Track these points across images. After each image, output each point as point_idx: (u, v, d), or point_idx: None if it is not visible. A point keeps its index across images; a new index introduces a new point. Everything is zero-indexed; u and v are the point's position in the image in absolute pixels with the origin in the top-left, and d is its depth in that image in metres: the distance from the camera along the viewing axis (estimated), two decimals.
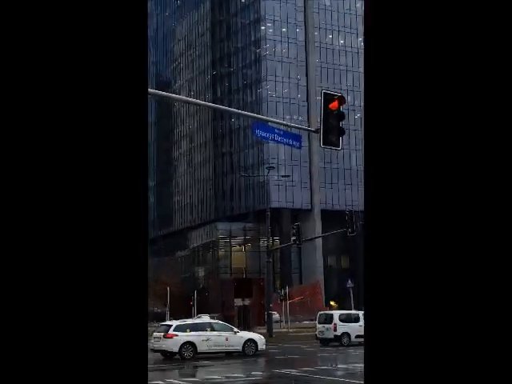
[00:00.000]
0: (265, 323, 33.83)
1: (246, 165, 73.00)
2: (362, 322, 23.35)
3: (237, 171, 73.51)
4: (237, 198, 74.58)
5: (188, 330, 20.40)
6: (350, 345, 24.22)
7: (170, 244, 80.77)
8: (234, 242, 71.96)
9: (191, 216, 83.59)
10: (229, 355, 20.71)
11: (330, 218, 66.67)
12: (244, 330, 32.49)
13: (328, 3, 74.14)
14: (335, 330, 25.10)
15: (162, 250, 75.49)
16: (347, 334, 24.97)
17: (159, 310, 45.69)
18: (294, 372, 15.41)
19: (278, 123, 14.43)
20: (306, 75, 72.39)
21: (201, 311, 42.93)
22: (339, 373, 16.06)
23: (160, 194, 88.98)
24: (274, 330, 32.21)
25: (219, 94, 78.54)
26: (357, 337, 24.10)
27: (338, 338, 25.12)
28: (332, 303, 68.49)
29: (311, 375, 14.90)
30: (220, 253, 72.26)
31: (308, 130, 18.20)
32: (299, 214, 68.39)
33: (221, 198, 77.33)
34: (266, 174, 45.97)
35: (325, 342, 25.47)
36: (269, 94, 70.72)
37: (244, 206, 73.31)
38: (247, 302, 36.69)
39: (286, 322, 39.11)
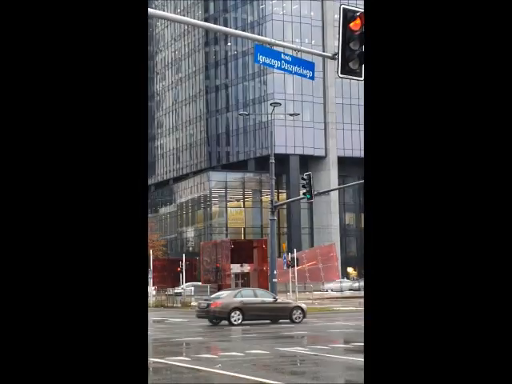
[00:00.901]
0: None
1: (246, 101, 72.77)
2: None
3: (234, 109, 73.34)
4: (234, 141, 74.68)
5: None
6: None
7: (151, 198, 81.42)
8: (230, 196, 72.49)
9: (178, 164, 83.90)
10: None
11: (349, 166, 67.08)
12: None
13: None
14: None
15: None
16: None
17: None
18: None
19: (285, 47, 14.40)
20: None
21: (190, 279, 43.70)
22: None
23: None
24: None
25: (212, 12, 77.52)
26: None
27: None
28: (350, 270, 69.61)
29: None
30: (213, 209, 72.93)
31: (323, 56, 18.09)
32: (311, 162, 68.66)
33: (214, 141, 77.42)
34: (269, 112, 45.90)
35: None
36: (274, 10, 69.80)
37: (243, 151, 73.49)
38: (246, 268, 37.31)
39: (294, 291, 39.88)
